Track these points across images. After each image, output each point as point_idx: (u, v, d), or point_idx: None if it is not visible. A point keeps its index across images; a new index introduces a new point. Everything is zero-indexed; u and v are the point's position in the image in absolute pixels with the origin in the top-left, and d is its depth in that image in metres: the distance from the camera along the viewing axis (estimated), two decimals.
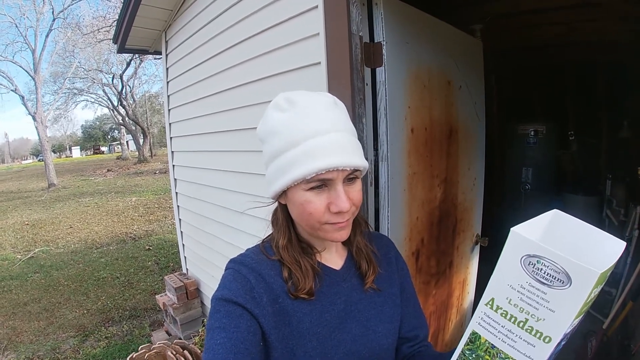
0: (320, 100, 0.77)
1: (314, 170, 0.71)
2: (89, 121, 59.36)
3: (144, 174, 19.55)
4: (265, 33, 2.14)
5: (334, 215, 0.75)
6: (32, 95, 19.43)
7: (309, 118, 0.74)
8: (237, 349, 0.69)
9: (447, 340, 2.40)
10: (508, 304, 0.58)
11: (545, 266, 0.53)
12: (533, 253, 0.54)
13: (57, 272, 6.19)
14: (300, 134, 0.73)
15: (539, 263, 0.53)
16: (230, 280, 0.78)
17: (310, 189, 0.74)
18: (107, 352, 3.65)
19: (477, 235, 2.51)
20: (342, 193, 0.74)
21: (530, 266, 0.55)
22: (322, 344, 0.78)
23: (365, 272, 0.88)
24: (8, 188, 19.47)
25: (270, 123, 0.78)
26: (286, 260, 0.81)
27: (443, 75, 1.99)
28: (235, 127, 2.59)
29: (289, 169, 0.74)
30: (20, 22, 18.12)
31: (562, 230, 0.60)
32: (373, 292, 0.88)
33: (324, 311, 0.80)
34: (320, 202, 0.74)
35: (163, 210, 10.44)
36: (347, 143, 0.75)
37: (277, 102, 0.78)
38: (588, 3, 2.72)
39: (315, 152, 0.72)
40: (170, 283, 3.65)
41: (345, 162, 0.72)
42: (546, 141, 4.17)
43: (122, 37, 3.54)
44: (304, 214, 0.76)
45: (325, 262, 0.86)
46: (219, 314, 0.74)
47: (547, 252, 0.52)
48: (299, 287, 0.79)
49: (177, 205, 3.92)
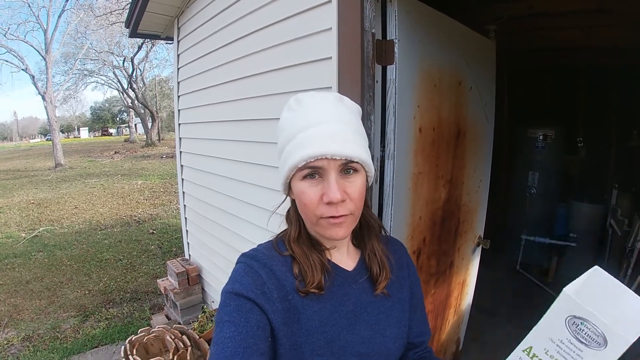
0: (325, 97, 0.79)
1: (304, 157, 0.72)
2: (98, 103, 59.49)
3: (151, 157, 19.66)
4: (276, 25, 2.13)
5: (327, 208, 0.74)
6: (43, 75, 19.52)
7: (309, 113, 0.76)
8: (246, 344, 0.69)
9: (443, 340, 2.40)
10: (545, 354, 0.64)
11: (587, 328, 0.59)
12: (579, 315, 0.60)
13: (60, 252, 6.24)
14: (297, 128, 0.76)
15: (583, 324, 0.60)
16: (242, 275, 0.78)
17: (304, 178, 0.75)
18: (106, 333, 3.70)
19: (479, 237, 2.51)
20: (333, 183, 0.73)
21: (574, 325, 0.61)
22: (329, 343, 0.78)
23: (377, 277, 0.87)
24: (15, 166, 19.63)
25: (281, 122, 0.82)
26: (296, 253, 0.81)
27: (454, 76, 1.98)
28: (243, 117, 2.59)
29: (286, 160, 0.76)
30: (33, 2, 18.14)
31: (600, 289, 0.64)
32: (382, 297, 0.88)
33: (334, 311, 0.80)
34: (314, 193, 0.75)
35: (168, 195, 10.49)
36: (342, 133, 0.75)
37: (289, 103, 0.81)
38: (600, 9, 2.69)
39: (306, 141, 0.73)
40: (172, 268, 3.68)
41: (335, 150, 0.72)
42: (554, 146, 4.16)
43: (134, 22, 3.55)
44: (301, 206, 0.78)
45: (337, 261, 0.86)
46: (229, 307, 0.74)
47: (593, 317, 0.59)
48: (307, 280, 0.78)
49: (182, 191, 3.94)
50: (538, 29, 3.41)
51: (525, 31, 3.43)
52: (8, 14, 22.15)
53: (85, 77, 25.03)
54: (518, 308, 3.43)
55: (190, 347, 2.66)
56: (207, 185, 3.31)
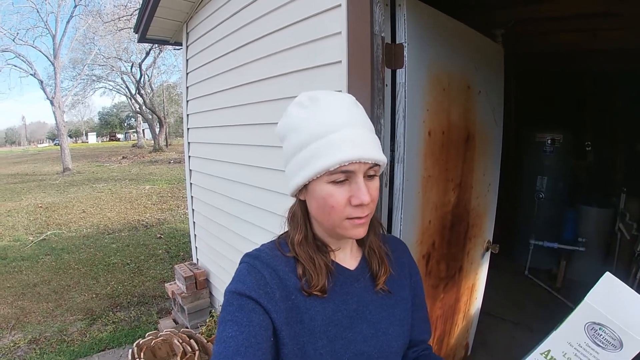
0: (342, 98, 0.79)
1: (338, 161, 0.72)
2: (106, 108, 60.18)
3: (158, 162, 19.77)
4: (286, 29, 2.14)
5: (354, 209, 0.75)
6: (51, 80, 19.73)
7: (330, 113, 0.76)
8: (248, 343, 0.70)
9: (452, 344, 2.39)
10: (562, 357, 0.69)
11: (605, 332, 0.65)
12: (598, 321, 0.65)
13: (68, 255, 6.27)
14: (323, 128, 0.74)
15: (601, 330, 0.65)
16: (245, 274, 0.79)
17: (331, 181, 0.75)
18: (113, 337, 3.71)
19: (488, 242, 2.50)
20: (363, 185, 0.74)
21: (592, 330, 0.66)
22: (332, 342, 0.78)
23: (376, 272, 0.88)
24: (23, 170, 19.81)
25: (292, 119, 0.80)
26: (301, 257, 0.81)
27: (463, 80, 1.98)
28: (253, 121, 2.60)
29: (312, 161, 0.74)
30: (41, 8, 18.39)
31: (615, 295, 0.68)
32: (384, 294, 0.88)
33: (337, 310, 0.81)
34: (342, 195, 0.75)
35: (176, 200, 10.53)
36: (367, 138, 0.76)
37: (300, 100, 0.80)
38: (608, 13, 2.69)
39: (339, 144, 0.72)
40: (180, 272, 3.68)
41: (367, 154, 0.73)
42: (563, 150, 4.14)
43: (143, 27, 3.58)
44: (325, 208, 0.77)
45: (340, 261, 0.87)
46: (232, 307, 0.74)
47: (611, 323, 0.64)
48: (312, 284, 0.79)
49: (190, 195, 3.95)
50: (545, 33, 3.40)
51: (532, 35, 3.43)
52: (17, 19, 22.54)
53: (93, 83, 25.30)
54: (526, 313, 3.39)
55: (198, 351, 2.66)
56: (215, 189, 3.32)
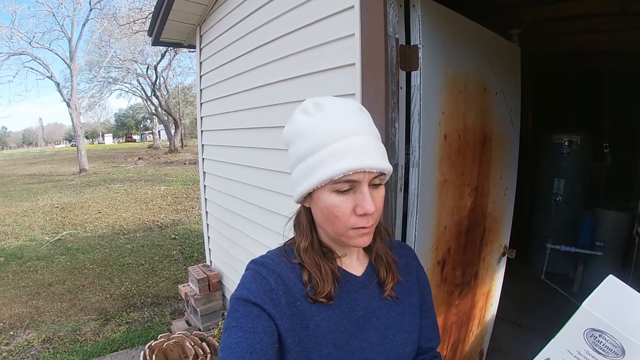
0: (347, 104, 0.78)
1: (342, 170, 0.71)
2: (122, 110, 61.06)
3: (174, 163, 19.96)
4: (299, 32, 2.12)
5: (359, 219, 0.75)
6: (68, 83, 20.05)
7: (335, 121, 0.75)
8: (252, 349, 0.70)
9: (466, 351, 2.35)
10: None
11: (606, 340, 0.61)
12: (598, 328, 0.62)
13: (83, 256, 6.35)
14: (328, 136, 0.74)
15: (601, 337, 0.62)
16: (250, 281, 0.79)
17: (336, 191, 0.74)
18: (126, 337, 3.73)
19: (504, 247, 2.44)
20: (367, 195, 0.73)
21: (592, 338, 0.63)
22: (338, 349, 0.77)
23: (384, 279, 0.87)
24: (40, 171, 20.15)
25: (297, 126, 0.79)
26: (307, 264, 0.81)
27: (479, 81, 1.94)
28: (266, 124, 2.59)
29: (316, 170, 0.74)
30: (57, 11, 18.70)
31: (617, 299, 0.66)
32: (392, 301, 0.87)
33: (343, 317, 0.80)
34: (346, 204, 0.74)
35: (191, 201, 10.60)
36: (373, 146, 0.75)
37: (305, 106, 0.79)
38: (625, 12, 2.63)
39: (343, 153, 0.72)
40: (194, 274, 3.69)
41: (372, 164, 0.72)
42: (580, 152, 4.06)
43: (157, 30, 3.60)
44: (330, 217, 0.76)
45: (346, 267, 0.86)
46: (237, 313, 0.74)
47: (612, 330, 0.61)
48: (317, 290, 0.79)
49: (204, 197, 3.96)
50: (561, 33, 3.34)
51: (549, 35, 3.37)
52: (33, 23, 22.82)
53: (109, 85, 25.59)
54: (542, 318, 3.33)
55: (210, 355, 2.66)
56: (229, 192, 3.32)
